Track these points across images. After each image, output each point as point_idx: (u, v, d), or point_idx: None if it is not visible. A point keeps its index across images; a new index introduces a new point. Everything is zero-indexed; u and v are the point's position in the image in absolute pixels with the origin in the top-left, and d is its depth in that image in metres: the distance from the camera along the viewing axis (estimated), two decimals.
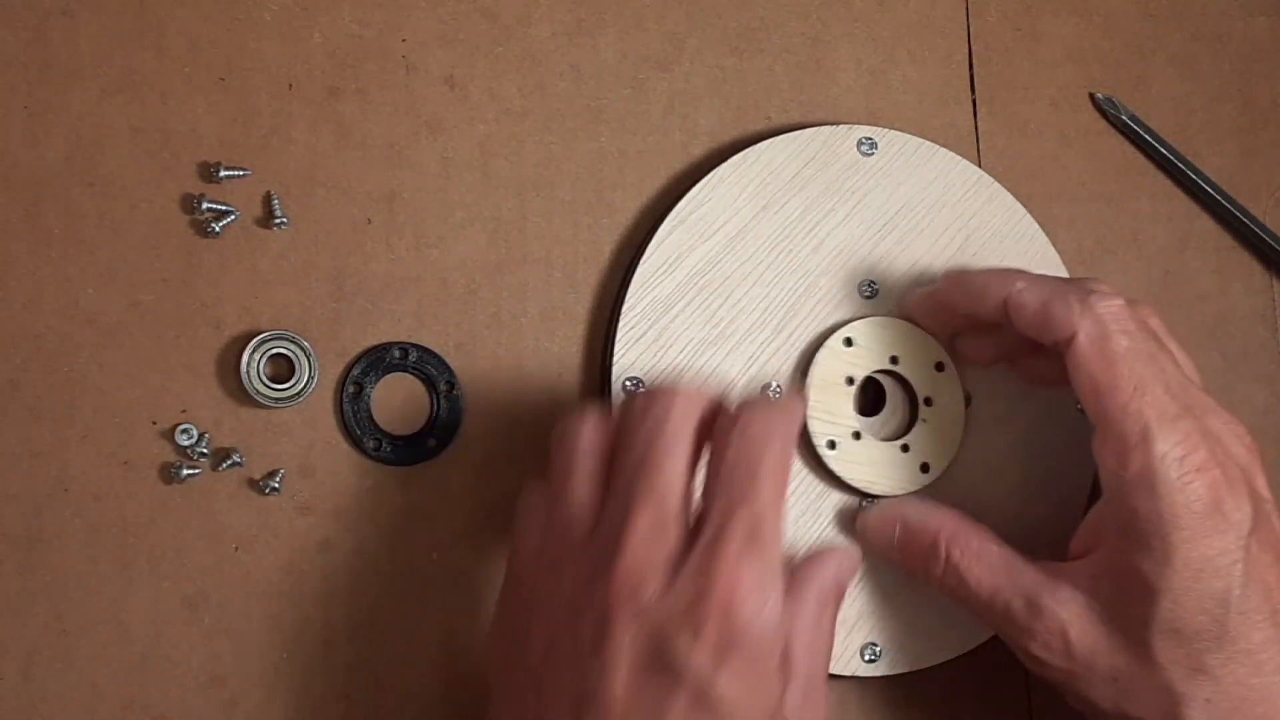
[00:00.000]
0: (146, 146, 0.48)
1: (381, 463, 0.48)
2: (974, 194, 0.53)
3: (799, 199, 0.51)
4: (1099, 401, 0.43)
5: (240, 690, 0.47)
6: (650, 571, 0.39)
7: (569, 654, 0.40)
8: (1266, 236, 0.56)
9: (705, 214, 0.50)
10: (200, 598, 0.47)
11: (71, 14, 0.48)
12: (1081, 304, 0.44)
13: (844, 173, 0.52)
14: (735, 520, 0.39)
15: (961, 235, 0.52)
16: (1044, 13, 0.56)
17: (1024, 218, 0.53)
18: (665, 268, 0.50)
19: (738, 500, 0.40)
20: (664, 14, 0.52)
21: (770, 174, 0.51)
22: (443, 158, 0.50)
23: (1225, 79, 0.57)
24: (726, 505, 0.40)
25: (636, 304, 0.49)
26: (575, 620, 0.40)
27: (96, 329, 0.47)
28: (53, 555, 0.46)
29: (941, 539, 0.46)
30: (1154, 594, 0.42)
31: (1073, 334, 0.44)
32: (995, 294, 0.46)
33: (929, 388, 0.50)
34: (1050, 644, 0.44)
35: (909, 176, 0.52)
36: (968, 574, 0.46)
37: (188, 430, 0.47)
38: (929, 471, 0.50)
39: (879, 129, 0.52)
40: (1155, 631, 0.43)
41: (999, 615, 0.45)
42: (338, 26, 0.50)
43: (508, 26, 0.51)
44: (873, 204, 0.52)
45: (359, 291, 0.49)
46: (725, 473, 0.40)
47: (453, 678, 0.48)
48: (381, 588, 0.48)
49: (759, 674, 0.39)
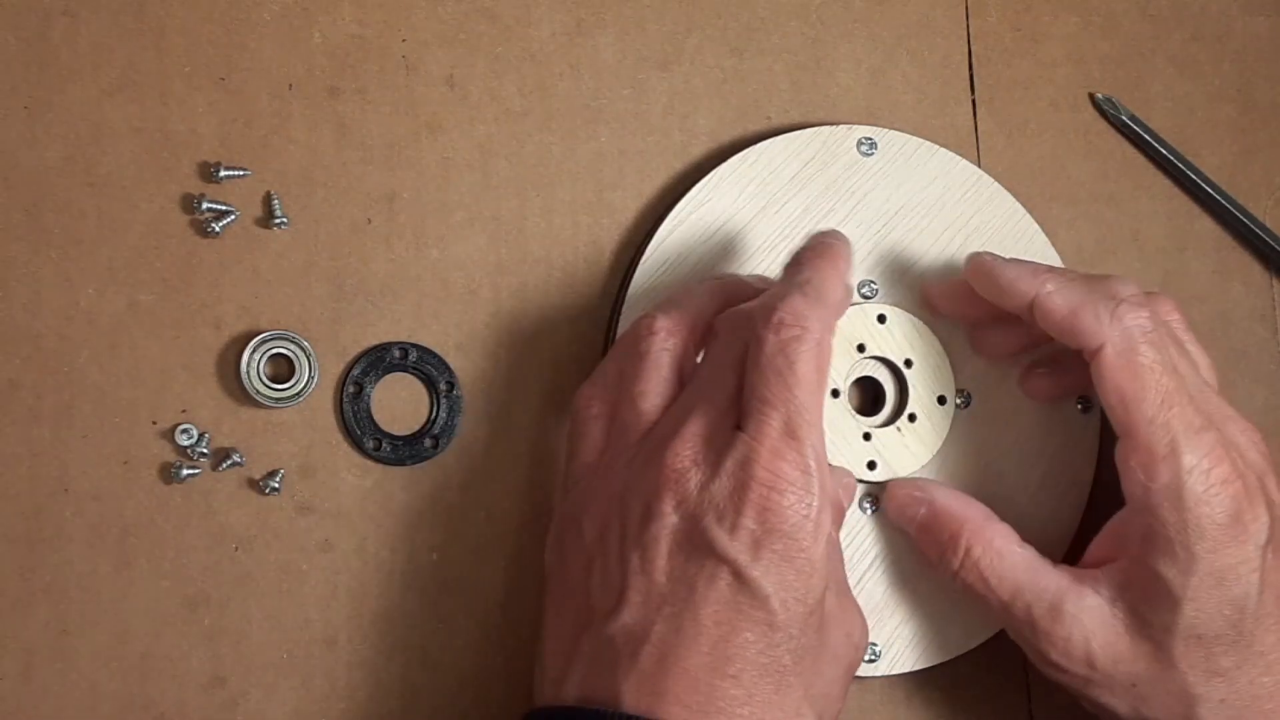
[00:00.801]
0: (147, 146, 0.48)
1: (381, 463, 0.48)
2: (974, 194, 0.53)
3: (799, 199, 0.51)
4: (1126, 412, 0.44)
5: (240, 690, 0.47)
6: (697, 462, 0.41)
7: (618, 537, 0.42)
8: (1266, 236, 0.56)
9: (705, 214, 0.50)
10: (200, 598, 0.47)
11: (72, 14, 0.48)
12: (1110, 314, 0.44)
13: (844, 173, 0.52)
14: (770, 418, 0.41)
15: (961, 235, 0.52)
16: (1044, 13, 0.56)
17: (1024, 218, 0.53)
18: (665, 268, 0.50)
19: (772, 399, 0.41)
20: (664, 14, 0.52)
21: (770, 174, 0.51)
22: (443, 158, 0.50)
23: (1225, 79, 0.57)
24: (761, 404, 0.41)
25: (636, 307, 0.49)
26: (625, 506, 0.42)
27: (96, 329, 0.47)
28: (53, 555, 0.46)
29: (965, 532, 0.46)
30: (1178, 601, 0.43)
31: (1100, 345, 0.44)
32: (1023, 292, 0.46)
33: (920, 407, 0.50)
34: (1071, 652, 0.44)
35: (909, 177, 0.52)
36: (989, 572, 0.46)
37: (188, 430, 0.47)
38: (873, 469, 0.50)
39: (879, 129, 0.52)
40: (1178, 637, 0.43)
41: (1019, 619, 0.45)
42: (338, 26, 0.50)
43: (508, 27, 0.51)
44: (872, 204, 0.52)
45: (359, 291, 0.49)
46: (759, 371, 0.42)
47: (453, 677, 0.48)
48: (381, 588, 0.48)
49: (796, 567, 0.40)
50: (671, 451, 0.41)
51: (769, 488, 0.40)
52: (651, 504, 0.41)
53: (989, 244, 0.52)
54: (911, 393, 0.50)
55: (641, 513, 0.41)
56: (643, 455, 0.42)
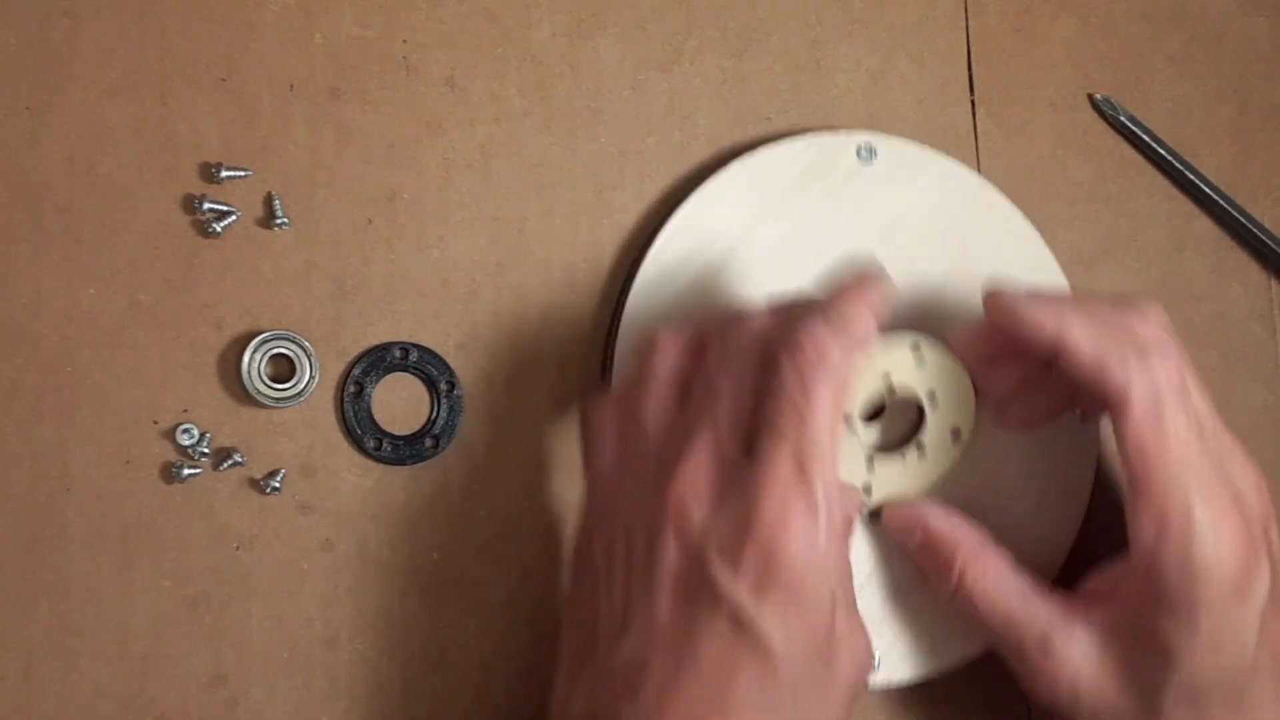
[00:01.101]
0: (148, 147, 0.48)
1: (382, 462, 0.48)
2: (973, 201, 0.53)
3: (798, 207, 0.51)
4: (1145, 469, 0.42)
5: (240, 690, 0.47)
6: (701, 494, 0.40)
7: (623, 565, 0.41)
8: (1265, 236, 0.56)
9: (705, 223, 0.50)
10: (201, 597, 0.47)
11: (74, 15, 0.48)
12: (1137, 362, 0.42)
13: (843, 180, 0.52)
14: (781, 452, 0.39)
15: (961, 242, 0.52)
16: (1043, 14, 0.56)
17: (1023, 225, 0.53)
18: (665, 277, 0.50)
19: (785, 430, 0.39)
20: (664, 15, 0.52)
21: (769, 181, 0.51)
22: (443, 158, 0.50)
23: (1223, 80, 0.57)
24: (773, 434, 0.39)
25: (636, 313, 0.49)
26: (630, 535, 0.41)
27: (98, 329, 0.47)
28: (54, 555, 0.46)
29: (959, 556, 0.46)
30: (1173, 659, 0.42)
31: (1126, 396, 0.42)
32: (1050, 333, 0.44)
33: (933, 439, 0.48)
34: (1057, 688, 0.44)
35: (908, 184, 0.52)
36: (981, 599, 0.45)
37: (189, 430, 0.47)
38: (868, 494, 0.48)
39: (878, 135, 0.52)
40: (1169, 694, 0.43)
41: (1009, 647, 0.45)
42: (339, 28, 0.50)
43: (508, 28, 0.51)
44: (872, 211, 0.52)
45: (360, 291, 0.49)
46: (774, 398, 0.40)
47: (454, 677, 0.48)
48: (381, 588, 0.48)
49: (803, 608, 0.39)
50: (675, 480, 0.40)
51: (775, 527, 0.38)
52: (654, 537, 0.40)
53: (988, 251, 0.52)
54: (926, 423, 0.48)
55: (645, 546, 0.40)
56: (649, 481, 0.41)
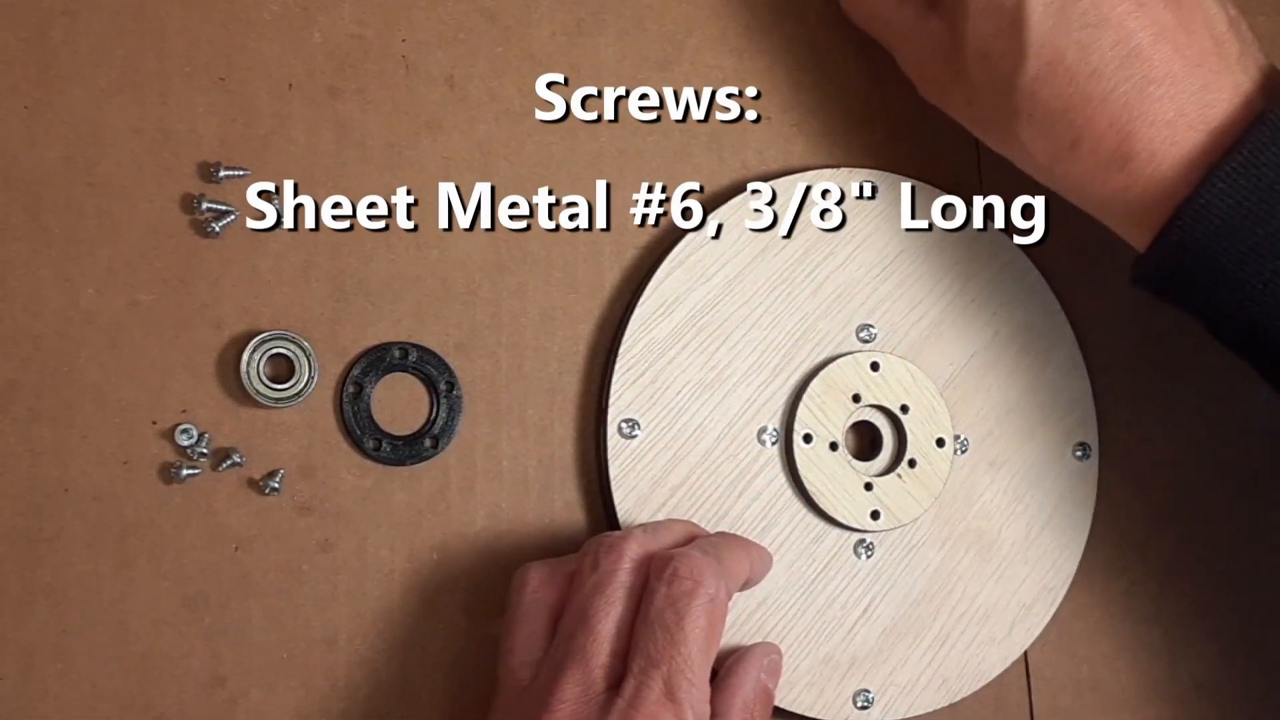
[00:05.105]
0: (147, 146, 0.48)
1: (381, 463, 0.48)
2: (973, 237, 0.53)
3: (797, 241, 0.51)
4: None
5: (240, 690, 0.47)
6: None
7: None
8: None
9: (703, 256, 0.50)
10: (200, 598, 0.47)
11: (72, 14, 0.48)
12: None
13: (844, 214, 0.52)
14: (651, 680, 0.40)
15: (960, 279, 0.52)
16: None
17: (1022, 262, 0.53)
18: (663, 310, 0.50)
19: (657, 657, 0.40)
20: (664, 14, 0.52)
21: (769, 214, 0.51)
22: (443, 158, 0.50)
23: None
24: (645, 662, 0.40)
25: (633, 346, 0.49)
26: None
27: (96, 329, 0.47)
28: (53, 555, 0.46)
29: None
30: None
31: None
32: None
33: (919, 451, 0.51)
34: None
35: (908, 219, 0.52)
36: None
37: (188, 430, 0.47)
38: (877, 519, 0.50)
39: (880, 173, 0.52)
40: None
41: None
42: (338, 26, 0.50)
43: (508, 27, 0.51)
44: (872, 247, 0.52)
45: (359, 291, 0.49)
46: (648, 625, 0.41)
47: (453, 677, 0.48)
48: (382, 587, 0.48)
49: None
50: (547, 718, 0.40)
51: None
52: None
53: (988, 286, 0.52)
54: (910, 438, 0.50)
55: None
56: (522, 717, 0.42)
